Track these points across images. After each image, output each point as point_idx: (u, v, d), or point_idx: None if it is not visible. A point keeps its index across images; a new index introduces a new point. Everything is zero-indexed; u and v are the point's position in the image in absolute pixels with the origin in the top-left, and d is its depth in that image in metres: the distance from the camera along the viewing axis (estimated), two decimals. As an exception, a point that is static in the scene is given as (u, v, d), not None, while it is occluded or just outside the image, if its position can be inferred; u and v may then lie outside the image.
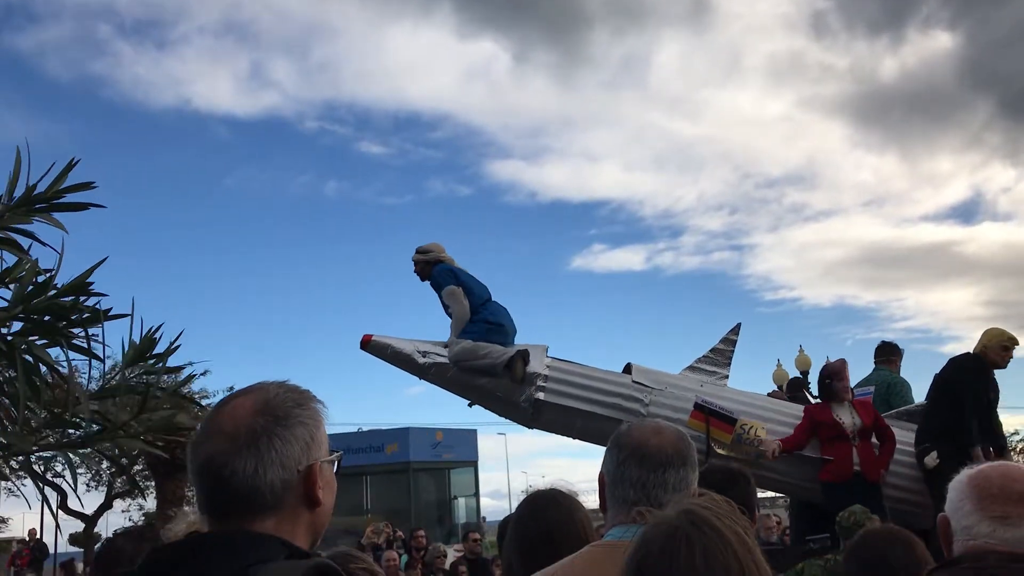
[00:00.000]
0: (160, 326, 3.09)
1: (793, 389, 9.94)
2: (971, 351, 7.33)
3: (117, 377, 3.07)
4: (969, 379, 7.21)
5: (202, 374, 26.74)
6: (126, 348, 3.04)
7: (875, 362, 8.71)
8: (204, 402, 26.55)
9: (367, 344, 7.17)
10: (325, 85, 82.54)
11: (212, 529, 1.54)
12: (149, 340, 3.03)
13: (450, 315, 7.17)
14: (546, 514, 2.75)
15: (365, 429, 32.76)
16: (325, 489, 1.61)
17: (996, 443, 7.14)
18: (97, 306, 2.89)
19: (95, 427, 2.99)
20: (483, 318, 7.18)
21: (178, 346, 3.13)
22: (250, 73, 78.88)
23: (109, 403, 3.09)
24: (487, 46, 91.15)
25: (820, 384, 7.59)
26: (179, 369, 3.37)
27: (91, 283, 2.87)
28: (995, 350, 7.20)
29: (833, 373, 7.44)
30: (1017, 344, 7.27)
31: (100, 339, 2.93)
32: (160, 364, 3.09)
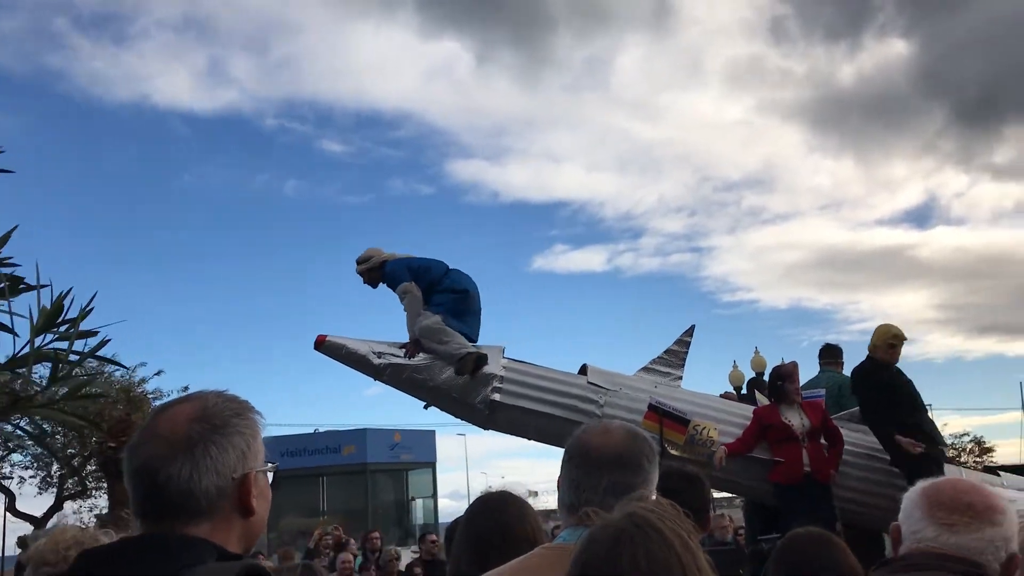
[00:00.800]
0: (70, 290, 3.00)
1: (757, 388, 9.99)
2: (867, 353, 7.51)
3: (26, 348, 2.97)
4: (861, 385, 7.47)
5: (156, 374, 26.51)
6: (36, 318, 2.94)
7: (820, 364, 8.91)
8: (157, 402, 26.27)
9: (321, 345, 7.11)
10: (285, 82, 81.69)
11: (145, 533, 1.54)
12: (58, 306, 2.94)
13: (404, 309, 7.16)
14: (496, 515, 2.75)
15: (322, 430, 32.53)
16: (259, 498, 1.62)
17: (925, 435, 7.25)
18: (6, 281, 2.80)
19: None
20: (448, 287, 7.16)
21: (90, 309, 3.04)
22: (209, 69, 77.70)
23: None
24: (450, 46, 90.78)
25: (771, 386, 7.70)
26: (93, 333, 3.23)
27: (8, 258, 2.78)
28: (883, 348, 7.35)
29: (784, 375, 7.53)
30: (903, 340, 7.38)
31: (7, 310, 2.84)
32: (72, 330, 3.00)
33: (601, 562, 1.38)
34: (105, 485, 22.57)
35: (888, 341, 7.34)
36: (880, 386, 7.32)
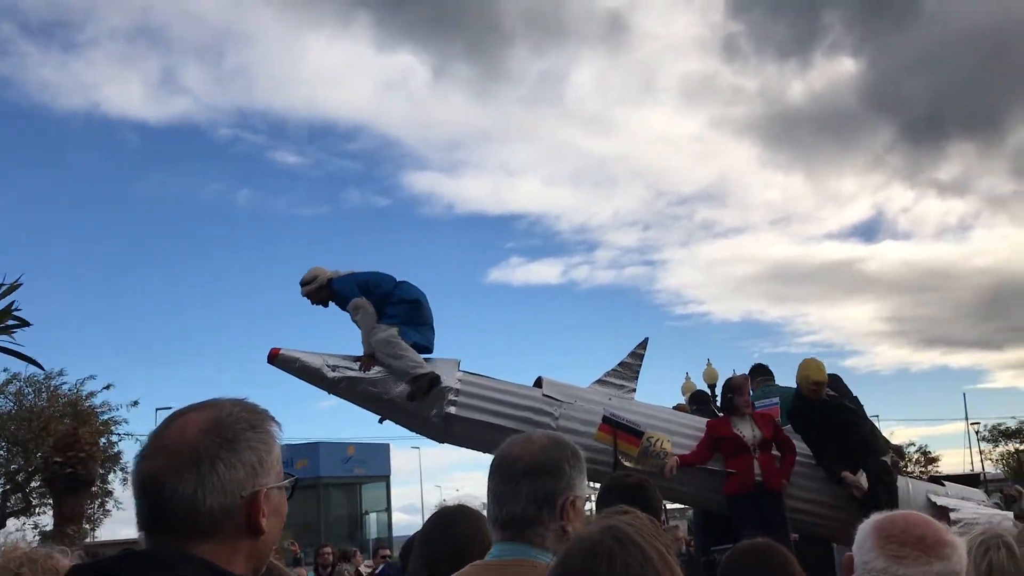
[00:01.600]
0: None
1: (698, 402, 10.13)
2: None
3: None
4: (797, 426, 7.65)
5: (105, 388, 25.97)
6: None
7: (754, 382, 9.02)
8: (104, 416, 25.75)
9: (275, 358, 7.04)
10: (239, 92, 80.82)
11: (148, 547, 1.48)
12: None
13: (357, 324, 7.14)
14: (453, 529, 2.75)
15: (274, 444, 32.09)
16: (271, 516, 1.53)
17: (868, 458, 7.41)
18: None
19: None
20: (400, 298, 7.14)
21: (18, 283, 2.95)
22: (161, 78, 76.57)
23: None
24: (406, 59, 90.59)
25: (723, 398, 7.80)
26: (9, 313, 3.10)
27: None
28: (806, 388, 7.50)
29: (735, 388, 7.63)
30: (824, 383, 7.48)
31: None
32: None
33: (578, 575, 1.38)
34: (50, 502, 22.08)
35: (810, 386, 7.47)
36: (812, 425, 7.52)
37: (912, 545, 2.01)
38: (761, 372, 9.23)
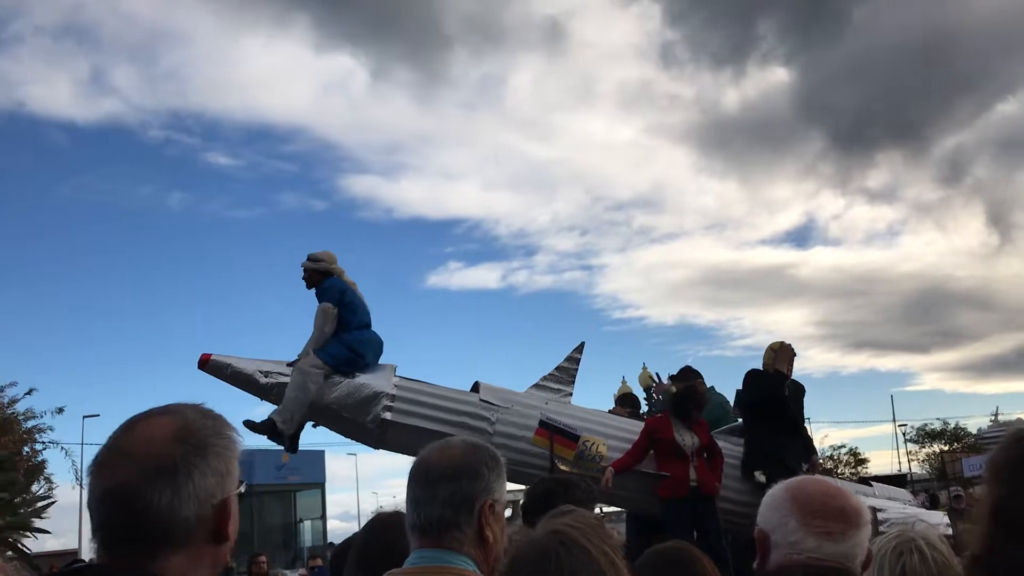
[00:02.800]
0: None
1: (630, 405, 10.17)
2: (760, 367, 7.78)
3: None
4: (758, 392, 7.69)
5: (27, 393, 25.20)
6: None
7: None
8: (29, 424, 25.00)
9: (206, 364, 6.92)
10: (172, 94, 79.28)
11: (106, 562, 1.41)
12: None
13: (313, 325, 7.06)
14: (389, 535, 2.71)
15: (206, 451, 31.56)
16: (233, 523, 1.51)
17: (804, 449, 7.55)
18: None
19: None
20: (350, 344, 7.07)
21: None
22: (91, 78, 74.69)
23: None
24: (345, 61, 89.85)
25: (681, 406, 7.56)
26: None
27: None
28: (774, 364, 7.63)
29: (699, 403, 7.62)
30: (793, 355, 7.70)
31: None
32: None
33: None
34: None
35: (777, 367, 7.59)
36: (769, 391, 7.57)
37: (836, 518, 2.02)
38: (693, 375, 9.29)
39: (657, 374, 9.71)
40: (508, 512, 2.06)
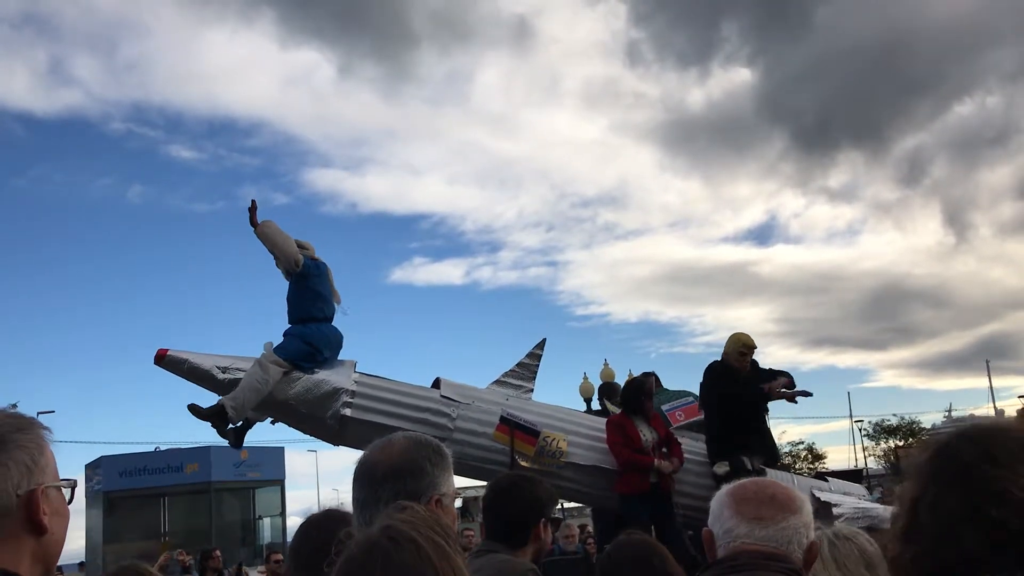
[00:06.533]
0: None
1: (608, 396, 10.17)
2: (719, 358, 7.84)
3: None
4: (713, 383, 7.70)
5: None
6: None
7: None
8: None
9: (162, 359, 6.82)
10: (133, 86, 78.10)
11: None
12: None
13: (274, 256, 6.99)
14: (320, 537, 2.65)
15: (163, 448, 31.23)
16: (53, 516, 1.57)
17: (761, 444, 7.61)
18: None
19: None
20: (308, 339, 7.00)
21: None
22: (50, 68, 73.31)
23: None
24: (311, 56, 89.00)
25: (632, 400, 7.65)
26: None
27: None
28: (734, 356, 7.66)
29: (648, 392, 7.66)
30: (753, 349, 7.74)
31: None
32: None
33: None
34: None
35: (739, 350, 7.63)
36: (731, 389, 7.60)
37: (767, 505, 2.07)
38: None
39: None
40: (458, 503, 2.05)
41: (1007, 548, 1.41)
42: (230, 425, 6.95)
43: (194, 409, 6.81)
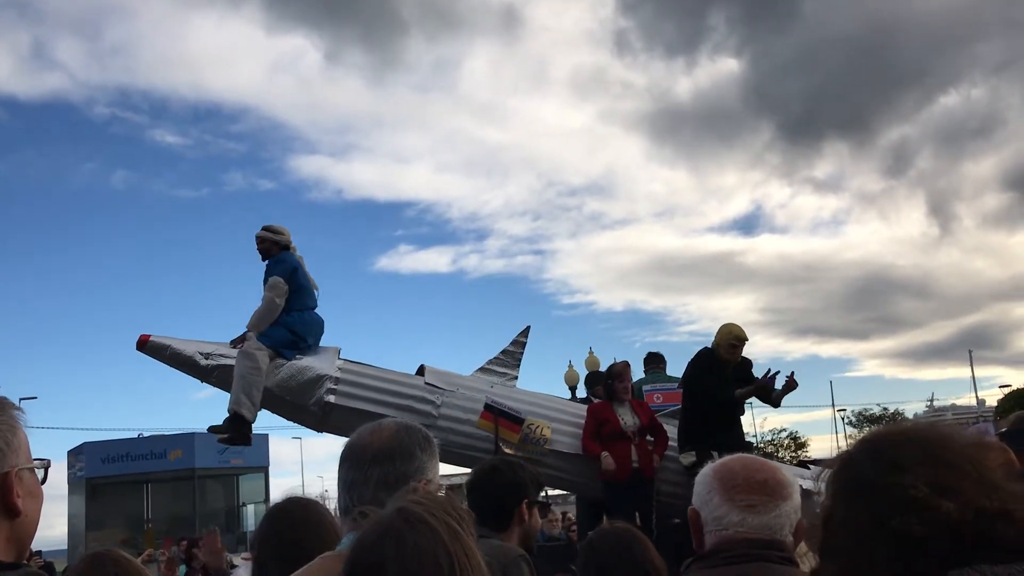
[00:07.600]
0: None
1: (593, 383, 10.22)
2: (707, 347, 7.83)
3: None
4: (697, 374, 7.66)
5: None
6: None
7: (646, 369, 9.71)
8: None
9: (144, 345, 6.80)
10: (118, 70, 77.71)
11: None
12: None
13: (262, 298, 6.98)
14: (279, 524, 2.63)
15: (147, 435, 31.16)
16: (27, 498, 1.56)
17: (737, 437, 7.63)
18: None
19: None
20: (291, 326, 6.99)
21: None
22: (33, 52, 72.76)
23: None
24: (297, 42, 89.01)
25: (604, 385, 7.92)
26: None
27: None
28: (725, 348, 7.63)
29: (615, 375, 7.75)
30: (744, 341, 7.69)
31: None
32: None
33: (368, 559, 1.38)
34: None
35: (729, 341, 7.60)
36: (719, 381, 7.57)
37: (759, 491, 2.05)
38: (654, 360, 9.83)
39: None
40: (442, 493, 2.05)
41: (918, 558, 1.34)
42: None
43: (217, 430, 6.79)
